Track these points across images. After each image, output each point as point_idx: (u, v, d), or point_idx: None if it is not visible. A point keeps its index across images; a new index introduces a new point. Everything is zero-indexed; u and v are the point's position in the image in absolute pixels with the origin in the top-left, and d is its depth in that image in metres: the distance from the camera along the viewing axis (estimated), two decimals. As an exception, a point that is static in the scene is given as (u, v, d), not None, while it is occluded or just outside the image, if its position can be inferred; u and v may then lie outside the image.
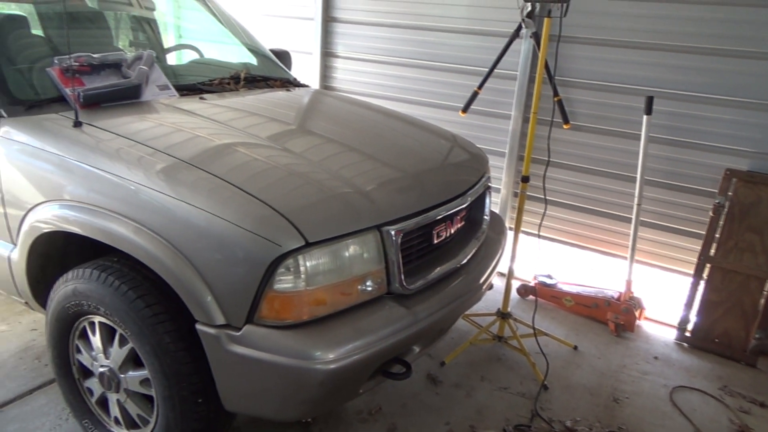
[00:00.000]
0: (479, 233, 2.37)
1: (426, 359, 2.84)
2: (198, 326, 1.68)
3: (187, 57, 3.34)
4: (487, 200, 2.49)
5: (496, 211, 3.86)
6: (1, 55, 2.12)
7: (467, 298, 2.10)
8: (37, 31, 2.42)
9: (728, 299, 3.11)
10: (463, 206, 2.16)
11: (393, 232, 1.79)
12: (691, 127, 3.26)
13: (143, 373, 1.86)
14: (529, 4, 3.25)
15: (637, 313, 3.30)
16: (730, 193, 3.12)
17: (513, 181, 3.87)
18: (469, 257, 2.20)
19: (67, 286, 1.90)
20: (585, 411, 2.58)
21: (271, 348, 1.60)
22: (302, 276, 1.62)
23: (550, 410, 2.57)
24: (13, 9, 2.46)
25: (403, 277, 1.83)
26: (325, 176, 1.88)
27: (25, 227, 2.00)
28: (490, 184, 2.55)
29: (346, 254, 1.71)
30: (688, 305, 3.23)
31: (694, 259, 3.23)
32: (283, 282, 1.61)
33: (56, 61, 2.16)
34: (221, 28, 3.25)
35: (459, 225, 2.20)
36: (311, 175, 1.86)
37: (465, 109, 3.68)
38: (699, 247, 3.21)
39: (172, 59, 3.32)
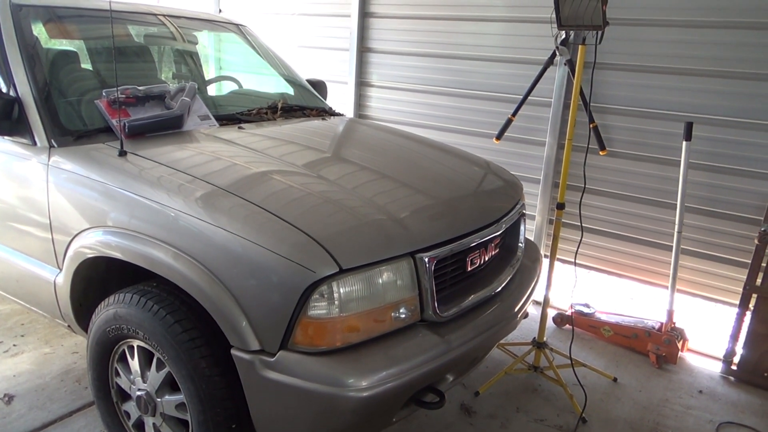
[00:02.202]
0: (514, 261, 2.35)
1: (460, 389, 2.79)
2: (233, 351, 1.70)
3: (227, 88, 3.45)
4: (522, 227, 2.47)
5: (531, 238, 3.82)
6: (53, 89, 2.23)
7: (502, 326, 2.07)
8: (86, 65, 2.53)
9: (777, 331, 2.98)
10: (498, 233, 2.15)
11: (426, 259, 1.79)
12: (732, 153, 3.19)
13: (179, 397, 1.89)
14: (563, 31, 3.25)
15: (679, 345, 3.19)
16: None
17: (548, 208, 3.83)
18: (503, 285, 2.18)
19: (108, 310, 1.96)
20: (626, 446, 2.50)
21: (305, 374, 1.60)
22: (336, 302, 1.63)
23: (589, 444, 2.49)
24: (65, 45, 2.58)
25: (436, 304, 1.82)
26: (359, 203, 1.89)
27: (70, 252, 2.07)
28: (524, 211, 2.53)
29: (380, 281, 1.71)
30: (734, 337, 3.10)
31: (739, 289, 3.11)
32: (317, 308, 1.62)
33: (104, 94, 2.26)
34: (259, 59, 3.35)
35: (493, 252, 2.19)
36: (345, 202, 1.88)
37: (499, 137, 3.68)
38: (744, 276, 3.10)
39: (212, 90, 3.43)
